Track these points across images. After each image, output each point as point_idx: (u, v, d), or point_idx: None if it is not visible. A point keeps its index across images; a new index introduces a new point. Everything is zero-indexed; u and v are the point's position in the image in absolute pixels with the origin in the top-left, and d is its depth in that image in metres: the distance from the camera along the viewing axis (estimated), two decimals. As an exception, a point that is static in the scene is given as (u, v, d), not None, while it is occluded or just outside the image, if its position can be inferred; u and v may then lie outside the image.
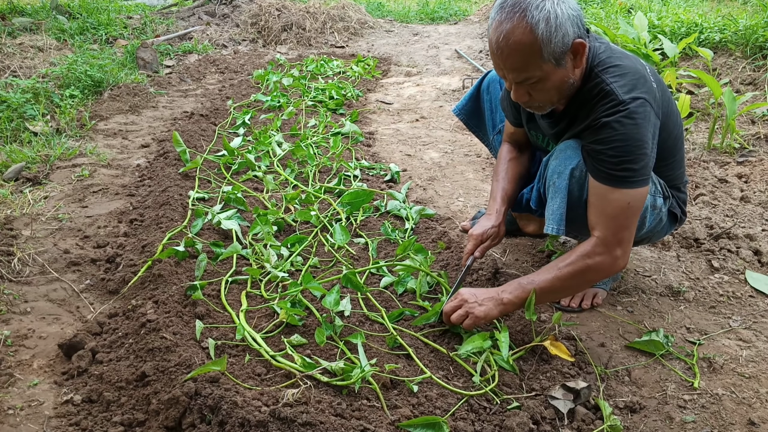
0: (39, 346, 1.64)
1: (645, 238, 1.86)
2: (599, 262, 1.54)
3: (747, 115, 3.64)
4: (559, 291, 1.61)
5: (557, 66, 1.47)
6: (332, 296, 1.74)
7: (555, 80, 1.50)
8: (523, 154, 2.00)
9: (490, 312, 1.59)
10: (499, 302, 1.59)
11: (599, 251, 1.53)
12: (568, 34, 1.43)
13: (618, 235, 1.53)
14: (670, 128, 1.65)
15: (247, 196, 2.62)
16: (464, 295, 1.62)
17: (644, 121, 1.47)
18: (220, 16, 7.85)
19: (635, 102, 1.46)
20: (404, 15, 9.92)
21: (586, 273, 1.56)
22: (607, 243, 1.53)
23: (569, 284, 1.58)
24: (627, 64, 1.54)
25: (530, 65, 1.45)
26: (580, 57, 1.49)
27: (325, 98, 4.37)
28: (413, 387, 1.46)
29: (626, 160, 1.48)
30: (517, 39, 1.41)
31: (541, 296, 1.59)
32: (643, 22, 4.42)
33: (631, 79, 1.50)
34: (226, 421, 1.28)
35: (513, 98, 1.58)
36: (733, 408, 1.48)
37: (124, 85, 4.55)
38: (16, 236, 2.20)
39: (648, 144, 1.49)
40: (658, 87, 1.57)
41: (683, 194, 1.83)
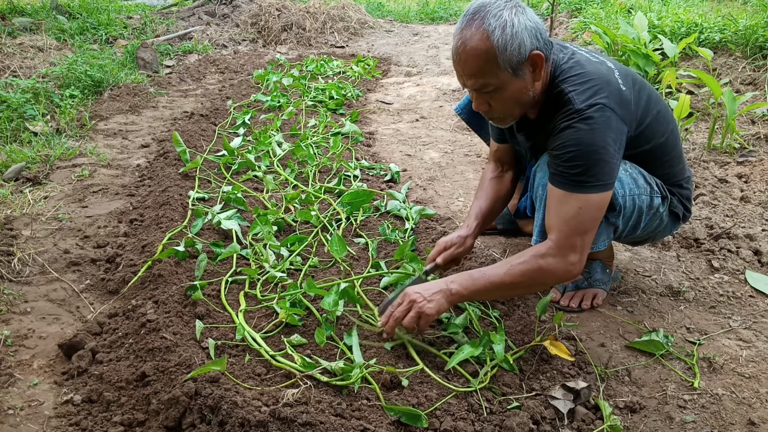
0: (39, 346, 1.64)
1: (647, 238, 1.87)
2: (551, 265, 1.51)
3: (747, 115, 3.64)
4: (509, 288, 1.57)
5: (515, 76, 1.48)
6: (331, 297, 1.74)
7: (513, 90, 1.51)
8: (506, 173, 1.99)
9: (441, 306, 1.53)
10: (448, 294, 1.54)
11: (552, 254, 1.51)
12: (524, 44, 1.44)
13: (570, 240, 1.50)
14: (656, 127, 1.64)
15: (247, 196, 2.62)
16: (411, 296, 1.55)
17: (602, 126, 1.45)
18: (220, 16, 7.85)
19: (592, 108, 1.46)
20: (404, 15, 9.92)
21: (537, 274, 1.52)
22: (560, 246, 1.51)
23: (520, 282, 1.54)
24: (590, 70, 1.52)
25: (486, 72, 1.47)
26: (539, 69, 1.50)
27: (325, 98, 4.37)
28: (404, 381, 1.46)
29: (579, 164, 1.47)
30: (474, 45, 1.44)
31: (491, 291, 1.56)
32: (643, 22, 4.42)
33: (591, 85, 1.49)
34: (226, 421, 1.28)
35: (474, 107, 1.59)
36: (733, 408, 1.48)
37: (124, 85, 4.56)
38: (16, 236, 2.20)
39: (606, 149, 1.46)
40: (631, 89, 1.55)
41: (686, 190, 1.80)
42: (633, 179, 1.66)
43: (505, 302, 1.86)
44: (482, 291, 1.55)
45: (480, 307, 1.83)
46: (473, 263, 2.08)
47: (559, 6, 8.22)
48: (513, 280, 1.53)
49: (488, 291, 1.56)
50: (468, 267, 2.06)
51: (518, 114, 1.62)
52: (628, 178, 1.65)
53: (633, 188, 1.66)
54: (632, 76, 1.61)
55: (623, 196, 1.64)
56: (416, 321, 1.53)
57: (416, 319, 1.53)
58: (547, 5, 8.86)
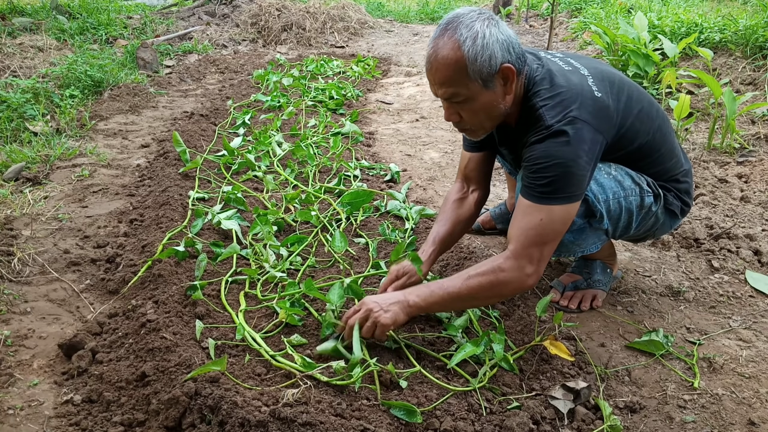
0: (39, 346, 1.64)
1: (646, 235, 1.86)
2: (507, 276, 1.50)
3: (747, 115, 3.64)
4: (466, 299, 1.56)
5: (485, 87, 1.48)
6: (335, 292, 1.75)
7: (483, 102, 1.51)
8: (470, 195, 1.92)
9: (397, 317, 1.53)
10: (405, 305, 1.54)
11: (508, 265, 1.50)
12: (495, 56, 1.44)
13: (528, 250, 1.50)
14: (639, 127, 1.62)
15: (247, 196, 2.62)
16: (368, 305, 1.55)
17: (573, 139, 1.45)
18: (220, 16, 7.86)
19: (562, 122, 1.46)
20: (404, 15, 9.93)
21: (492, 285, 1.52)
22: (517, 256, 1.50)
23: (476, 294, 1.53)
24: (560, 83, 1.51)
25: (455, 81, 1.47)
26: (510, 83, 1.50)
27: (325, 98, 4.37)
28: (403, 382, 1.46)
29: (545, 176, 1.47)
30: (445, 54, 1.45)
31: (449, 302, 1.56)
32: (643, 22, 4.42)
33: (562, 99, 1.49)
34: (226, 421, 1.28)
35: (445, 118, 1.60)
36: (733, 408, 1.48)
37: (124, 85, 4.56)
38: (16, 236, 2.20)
39: (576, 162, 1.45)
40: (607, 93, 1.53)
41: (684, 184, 1.77)
42: (618, 182, 1.64)
43: (505, 302, 1.86)
44: (440, 303, 1.56)
45: (480, 307, 1.83)
46: (473, 263, 2.08)
47: (559, 6, 8.22)
48: (470, 291, 1.52)
49: (446, 303, 1.56)
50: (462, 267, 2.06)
51: (489, 127, 1.62)
52: (612, 182, 1.63)
53: (618, 191, 1.64)
54: (609, 78, 1.59)
55: (605, 201, 1.63)
56: (372, 330, 1.53)
57: (372, 328, 1.53)
58: (547, 5, 8.86)
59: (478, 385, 1.47)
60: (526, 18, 8.82)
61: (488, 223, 2.39)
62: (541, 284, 2.03)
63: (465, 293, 1.53)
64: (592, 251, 1.75)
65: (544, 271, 1.83)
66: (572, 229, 1.63)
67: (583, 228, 1.66)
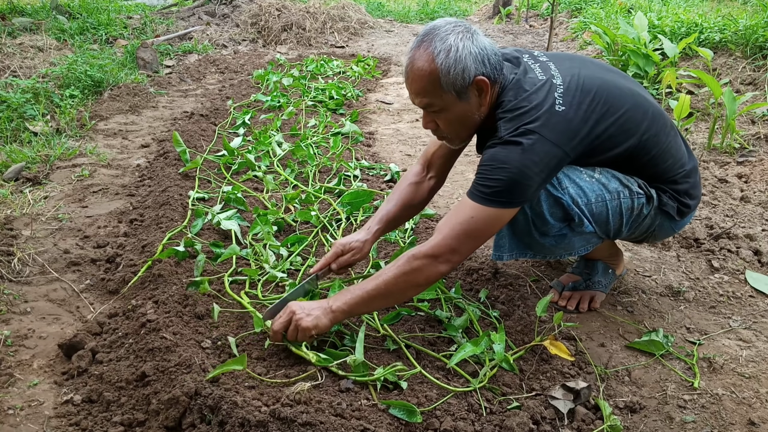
0: (39, 346, 1.64)
1: (645, 237, 1.83)
2: (421, 265, 1.52)
3: (747, 115, 3.64)
4: (386, 294, 1.56)
5: (459, 99, 1.52)
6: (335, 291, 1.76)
7: (457, 112, 1.55)
8: (427, 180, 1.93)
9: (319, 321, 1.54)
10: (327, 310, 1.55)
11: (423, 253, 1.52)
12: (468, 69, 1.48)
13: (448, 242, 1.51)
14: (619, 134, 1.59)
15: (247, 196, 2.62)
16: (292, 307, 1.57)
17: (522, 149, 1.46)
18: (220, 16, 7.86)
19: (514, 134, 1.48)
20: (404, 15, 9.93)
21: (408, 275, 1.53)
22: (435, 247, 1.52)
23: (394, 286, 1.54)
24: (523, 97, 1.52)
25: (429, 92, 1.52)
26: (485, 94, 1.54)
27: (325, 98, 4.37)
28: (403, 384, 1.46)
29: (485, 177, 1.49)
30: (419, 66, 1.50)
31: (370, 301, 1.56)
32: (643, 22, 4.42)
33: (521, 113, 1.49)
34: (226, 421, 1.28)
35: (422, 125, 1.64)
36: (733, 408, 1.48)
37: (124, 85, 4.56)
38: (16, 236, 2.20)
39: (521, 171, 1.45)
40: (575, 106, 1.52)
41: (684, 185, 1.73)
42: (602, 185, 1.63)
43: (505, 302, 1.86)
44: (362, 303, 1.56)
45: (480, 308, 1.83)
46: (473, 263, 2.08)
47: (559, 6, 8.22)
48: (387, 285, 1.54)
49: (367, 302, 1.56)
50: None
51: (465, 136, 1.66)
52: (595, 185, 1.62)
53: (602, 194, 1.62)
54: (586, 87, 1.56)
55: (586, 204, 1.61)
56: (295, 333, 1.55)
57: (295, 331, 1.55)
58: (547, 5, 8.86)
59: (478, 385, 1.47)
60: (526, 18, 8.82)
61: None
62: (541, 284, 2.03)
63: (383, 288, 1.54)
64: (582, 253, 1.74)
65: (539, 265, 1.82)
66: (552, 234, 1.63)
67: (564, 233, 1.64)
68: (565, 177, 1.59)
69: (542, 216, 1.60)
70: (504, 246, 1.70)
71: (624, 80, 1.69)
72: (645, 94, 1.70)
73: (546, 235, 1.63)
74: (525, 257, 1.73)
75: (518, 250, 1.71)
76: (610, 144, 1.59)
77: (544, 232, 1.63)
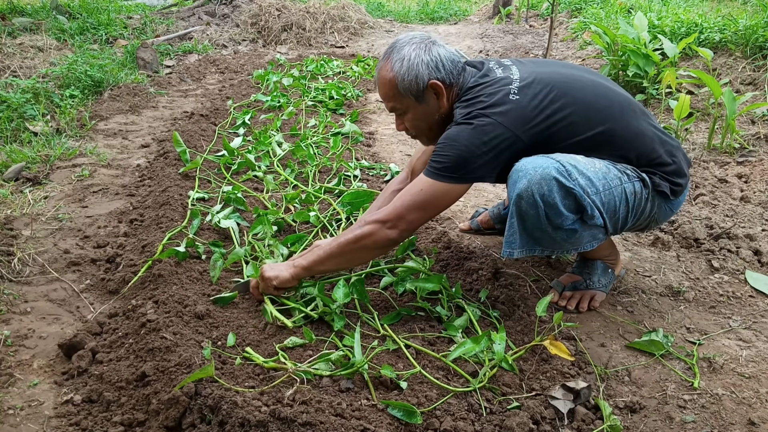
0: (39, 346, 1.64)
1: (649, 223, 1.84)
2: (372, 230, 1.69)
3: (747, 115, 3.64)
4: (340, 255, 1.73)
5: (417, 101, 1.75)
6: (340, 290, 1.76)
7: (418, 114, 1.78)
8: None
9: (280, 273, 1.75)
10: (290, 266, 1.77)
11: (375, 219, 1.70)
12: (421, 75, 1.71)
13: (398, 211, 1.68)
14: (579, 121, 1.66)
15: (247, 196, 2.62)
16: (263, 269, 1.79)
17: (471, 128, 1.63)
18: (220, 16, 7.86)
19: (467, 117, 1.66)
20: (404, 15, 9.93)
21: (357, 239, 1.70)
22: (386, 215, 1.69)
23: (347, 248, 1.72)
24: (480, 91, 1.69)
25: (392, 97, 1.76)
26: (441, 96, 1.75)
27: (325, 98, 4.37)
28: (403, 384, 1.46)
29: (438, 154, 1.66)
30: (382, 74, 1.76)
31: (327, 260, 1.74)
32: (643, 22, 4.42)
33: (476, 101, 1.67)
34: (226, 421, 1.28)
35: (396, 127, 1.87)
36: (733, 408, 1.48)
37: (124, 85, 4.56)
38: (16, 236, 2.20)
39: (468, 148, 1.62)
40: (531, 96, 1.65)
41: (670, 165, 1.75)
42: (604, 173, 1.65)
43: (505, 302, 1.86)
44: (319, 261, 1.75)
45: (480, 308, 1.83)
46: (473, 263, 2.08)
47: (559, 6, 8.22)
48: (340, 246, 1.72)
49: (324, 260, 1.75)
50: (467, 267, 2.06)
51: (431, 134, 1.84)
52: (599, 174, 1.64)
53: (606, 182, 1.65)
54: (541, 81, 1.68)
55: (596, 194, 1.63)
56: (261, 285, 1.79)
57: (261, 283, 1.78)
58: (547, 5, 8.87)
59: (478, 386, 1.47)
60: (526, 18, 8.82)
61: (486, 223, 2.39)
62: (541, 284, 2.03)
63: (337, 250, 1.73)
64: (587, 249, 1.75)
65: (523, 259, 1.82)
66: (565, 227, 1.63)
67: (575, 228, 1.65)
68: (574, 168, 1.60)
69: (556, 208, 1.60)
70: (515, 242, 1.69)
71: (590, 75, 1.82)
72: (611, 86, 1.81)
73: (559, 228, 1.64)
74: (534, 253, 1.73)
75: (528, 246, 1.71)
76: (571, 130, 1.68)
77: (557, 225, 1.63)
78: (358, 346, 1.52)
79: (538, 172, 1.58)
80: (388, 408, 1.38)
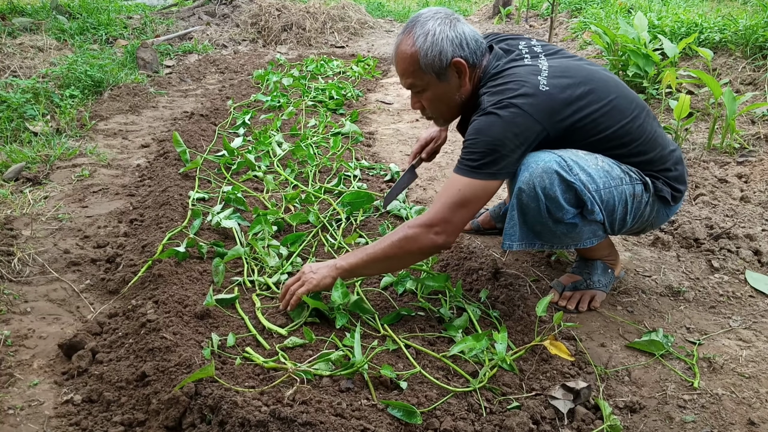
0: (39, 346, 1.64)
1: (645, 227, 1.85)
2: (417, 235, 1.65)
3: (747, 115, 3.64)
4: (385, 260, 1.70)
5: (439, 79, 1.68)
6: (338, 291, 1.76)
7: (438, 92, 1.72)
8: None
9: (323, 278, 1.73)
10: (332, 268, 1.74)
11: (419, 224, 1.65)
12: (445, 51, 1.64)
13: (441, 214, 1.64)
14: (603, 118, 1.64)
15: (247, 196, 2.62)
16: (303, 268, 1.78)
17: (503, 120, 1.57)
18: (220, 16, 7.86)
19: (497, 106, 1.59)
20: (404, 15, 9.93)
21: (404, 243, 1.66)
22: (429, 218, 1.65)
23: (392, 254, 1.68)
24: (508, 76, 1.63)
25: (411, 73, 1.69)
26: (464, 76, 1.68)
27: (325, 98, 4.37)
28: (403, 384, 1.46)
29: (471, 150, 1.61)
30: (403, 49, 1.68)
31: (371, 264, 1.72)
32: (643, 22, 4.42)
33: (505, 88, 1.61)
34: (226, 421, 1.28)
35: (411, 106, 1.81)
36: (733, 408, 1.48)
37: (124, 85, 4.56)
38: (16, 236, 2.20)
39: (502, 142, 1.57)
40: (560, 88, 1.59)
41: (674, 172, 1.77)
42: (606, 171, 1.65)
43: (505, 302, 1.86)
44: (363, 265, 1.72)
45: (480, 308, 1.83)
46: (473, 263, 2.08)
47: (559, 6, 8.22)
48: (385, 252, 1.69)
49: (368, 264, 1.72)
50: (472, 267, 2.06)
51: (449, 116, 1.82)
52: (601, 172, 1.64)
53: (607, 180, 1.65)
54: (570, 74, 1.64)
55: (596, 191, 1.64)
56: (299, 286, 1.75)
57: (300, 286, 1.74)
58: (547, 5, 8.86)
59: (478, 386, 1.47)
60: (526, 18, 8.82)
61: (488, 222, 2.39)
62: (541, 284, 2.03)
63: (381, 254, 1.69)
64: (588, 245, 1.75)
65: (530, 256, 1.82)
66: (565, 220, 1.64)
67: (575, 222, 1.66)
68: (575, 163, 1.61)
69: (556, 201, 1.60)
70: (514, 234, 1.69)
71: (608, 73, 1.78)
72: (627, 87, 1.80)
73: (559, 222, 1.64)
74: (533, 247, 1.73)
75: (528, 240, 1.70)
76: (595, 127, 1.65)
77: (557, 218, 1.64)
78: (358, 346, 1.52)
79: (540, 165, 1.59)
80: (388, 408, 1.38)
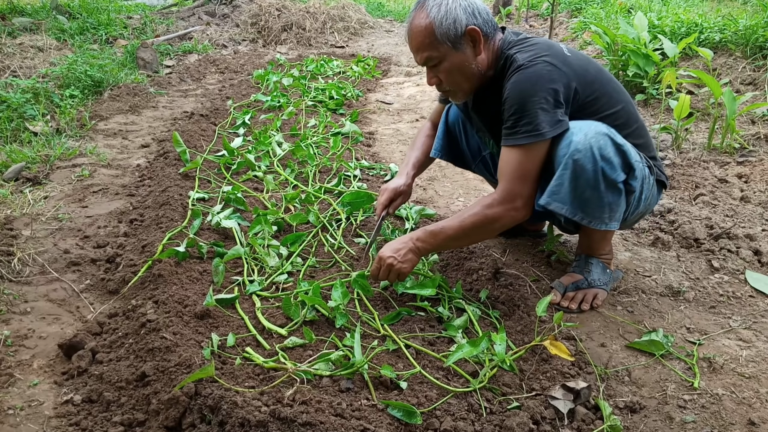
0: (39, 346, 1.64)
1: (644, 211, 1.90)
2: (497, 212, 1.68)
3: (747, 115, 3.64)
4: (463, 238, 1.77)
5: (454, 49, 1.68)
6: (338, 291, 1.76)
7: (455, 63, 1.70)
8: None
9: (413, 263, 1.79)
10: (416, 250, 1.78)
11: (497, 202, 1.68)
12: (459, 19, 1.65)
13: (514, 188, 1.67)
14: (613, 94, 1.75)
15: (247, 196, 2.62)
16: (387, 260, 1.77)
17: (540, 73, 1.61)
18: (220, 16, 7.86)
19: (534, 60, 1.63)
20: (404, 15, 9.92)
21: (486, 221, 1.70)
22: (504, 194, 1.68)
23: (472, 232, 1.73)
24: (536, 41, 1.71)
25: (427, 45, 1.68)
26: (478, 44, 1.70)
27: (325, 98, 4.37)
28: (403, 384, 1.46)
29: (520, 116, 1.62)
30: (417, 22, 1.69)
31: (449, 242, 1.78)
32: (643, 22, 4.42)
33: (536, 49, 1.67)
34: (226, 421, 1.28)
35: (427, 82, 1.79)
36: (733, 408, 1.48)
37: (124, 85, 4.56)
38: (16, 236, 2.20)
39: (543, 98, 1.60)
40: (578, 59, 1.70)
41: (659, 161, 1.90)
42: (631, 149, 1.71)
43: (505, 302, 1.86)
44: (442, 243, 1.78)
45: (480, 308, 1.83)
46: (473, 263, 2.08)
47: (559, 6, 8.22)
48: (465, 231, 1.73)
49: (447, 242, 1.78)
50: (470, 268, 2.06)
51: (467, 88, 1.78)
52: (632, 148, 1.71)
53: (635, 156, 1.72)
54: (582, 55, 1.77)
55: (636, 162, 1.70)
56: (395, 277, 1.80)
57: (395, 276, 1.79)
58: (547, 5, 8.86)
59: (478, 386, 1.47)
60: (526, 18, 8.82)
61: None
62: (541, 284, 2.03)
63: (461, 234, 1.74)
64: (611, 227, 1.74)
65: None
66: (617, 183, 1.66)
67: (621, 189, 1.68)
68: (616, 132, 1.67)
69: (611, 162, 1.63)
70: (558, 194, 1.66)
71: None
72: None
73: (612, 186, 1.66)
74: (571, 216, 1.69)
75: (571, 206, 1.67)
76: (608, 101, 1.73)
77: (611, 181, 1.65)
78: (358, 346, 1.52)
79: (592, 128, 1.63)
80: (388, 408, 1.38)
